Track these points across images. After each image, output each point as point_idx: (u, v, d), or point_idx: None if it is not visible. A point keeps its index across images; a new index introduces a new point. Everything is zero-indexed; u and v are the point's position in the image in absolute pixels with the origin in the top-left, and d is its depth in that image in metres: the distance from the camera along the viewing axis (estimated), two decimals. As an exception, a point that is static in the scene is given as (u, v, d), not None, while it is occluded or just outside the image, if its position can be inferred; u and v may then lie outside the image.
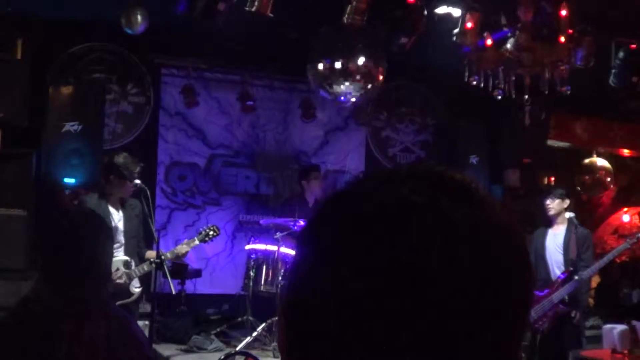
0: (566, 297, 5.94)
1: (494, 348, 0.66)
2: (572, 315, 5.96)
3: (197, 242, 5.78)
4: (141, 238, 5.59)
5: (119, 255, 5.37)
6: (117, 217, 5.43)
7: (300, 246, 0.72)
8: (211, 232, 5.86)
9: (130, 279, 5.35)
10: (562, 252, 6.16)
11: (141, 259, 5.50)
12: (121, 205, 5.48)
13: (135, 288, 5.43)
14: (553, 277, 6.10)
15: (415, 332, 0.63)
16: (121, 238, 5.42)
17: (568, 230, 6.19)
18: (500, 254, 0.67)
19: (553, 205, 6.23)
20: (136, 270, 5.37)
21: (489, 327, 0.65)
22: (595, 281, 7.40)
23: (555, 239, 6.22)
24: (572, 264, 6.06)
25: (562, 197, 6.25)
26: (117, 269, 5.28)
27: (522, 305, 0.69)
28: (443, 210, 0.66)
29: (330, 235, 0.68)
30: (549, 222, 6.31)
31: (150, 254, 5.52)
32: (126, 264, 5.37)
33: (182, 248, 5.66)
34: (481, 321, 0.64)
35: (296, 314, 0.69)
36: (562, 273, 6.05)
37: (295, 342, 0.69)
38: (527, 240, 5.87)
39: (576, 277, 5.98)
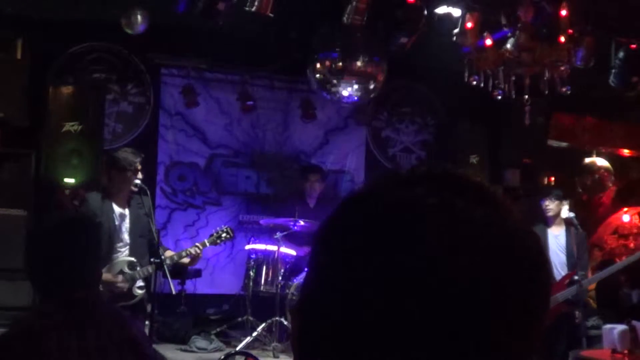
0: (571, 298, 5.94)
1: (509, 349, 0.66)
2: (576, 315, 5.96)
3: (207, 244, 5.50)
4: (153, 237, 5.08)
5: (124, 255, 5.10)
6: (121, 216, 5.15)
7: (315, 247, 0.72)
8: (224, 235, 5.58)
9: (133, 280, 5.04)
10: (565, 253, 6.17)
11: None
12: (128, 203, 5.19)
13: (138, 290, 5.09)
14: (557, 277, 6.08)
15: (429, 333, 0.63)
16: (126, 237, 5.14)
17: (568, 232, 6.20)
18: (515, 254, 0.67)
19: (552, 206, 6.21)
20: (140, 272, 5.06)
21: (504, 328, 0.65)
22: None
23: (557, 240, 6.22)
24: (577, 265, 6.07)
25: (560, 199, 6.24)
26: (120, 271, 5.02)
27: (537, 306, 0.68)
28: (458, 211, 0.66)
29: (345, 236, 0.68)
30: (546, 222, 6.28)
31: (169, 253, 5.29)
32: (131, 265, 5.06)
33: (187, 252, 5.35)
34: (496, 322, 0.64)
35: (310, 314, 0.69)
36: (567, 274, 6.05)
37: (307, 342, 0.69)
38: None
39: (582, 281, 5.97)
